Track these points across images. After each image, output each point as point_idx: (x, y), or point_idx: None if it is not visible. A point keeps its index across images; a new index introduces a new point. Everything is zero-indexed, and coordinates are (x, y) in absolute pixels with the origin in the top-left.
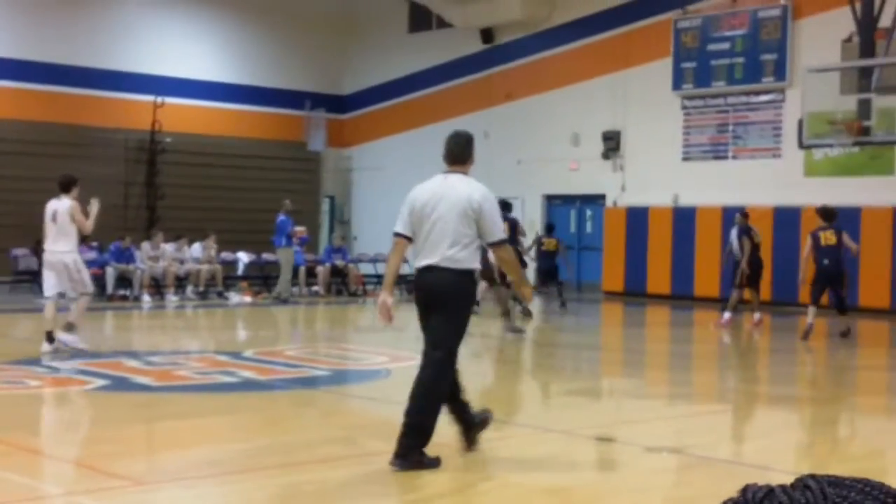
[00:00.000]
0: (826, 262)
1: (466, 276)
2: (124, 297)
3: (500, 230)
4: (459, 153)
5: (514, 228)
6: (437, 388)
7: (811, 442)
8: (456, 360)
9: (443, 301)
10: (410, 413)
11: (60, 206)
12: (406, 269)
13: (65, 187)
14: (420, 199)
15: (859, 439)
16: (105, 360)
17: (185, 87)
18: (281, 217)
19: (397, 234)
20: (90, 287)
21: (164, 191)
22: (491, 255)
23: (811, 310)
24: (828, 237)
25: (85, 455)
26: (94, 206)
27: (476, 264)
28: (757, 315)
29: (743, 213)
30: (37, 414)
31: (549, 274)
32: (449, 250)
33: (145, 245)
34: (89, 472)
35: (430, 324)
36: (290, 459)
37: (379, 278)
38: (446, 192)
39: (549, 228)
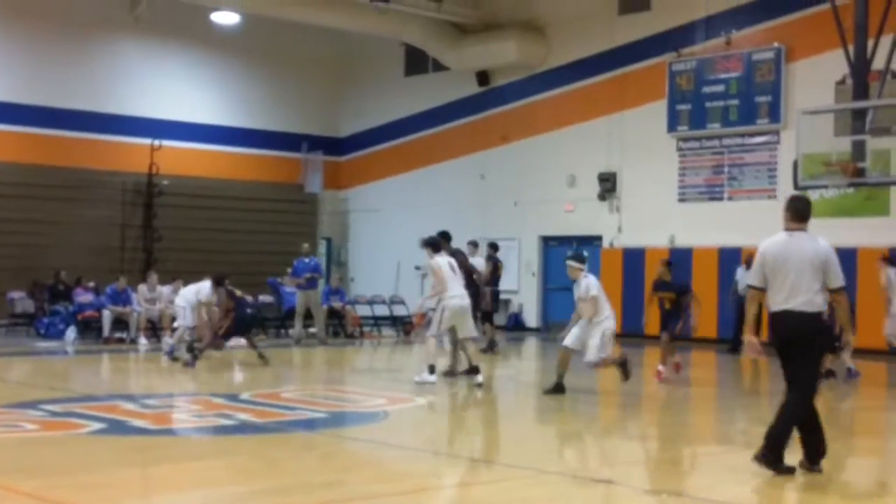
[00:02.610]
0: None
1: (818, 318)
2: (121, 340)
3: (841, 279)
4: (804, 213)
5: (495, 268)
6: (794, 415)
7: (810, 483)
8: (812, 394)
9: (803, 341)
10: (771, 431)
11: None
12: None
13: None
14: (771, 254)
15: (860, 479)
16: (102, 403)
17: (182, 130)
18: (295, 262)
19: (753, 287)
20: None
21: (160, 233)
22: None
23: None
24: None
25: (81, 499)
26: None
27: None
28: None
29: None
30: (33, 457)
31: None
32: (805, 296)
33: (142, 287)
34: None
35: (790, 364)
36: (286, 502)
37: (376, 319)
38: (795, 247)
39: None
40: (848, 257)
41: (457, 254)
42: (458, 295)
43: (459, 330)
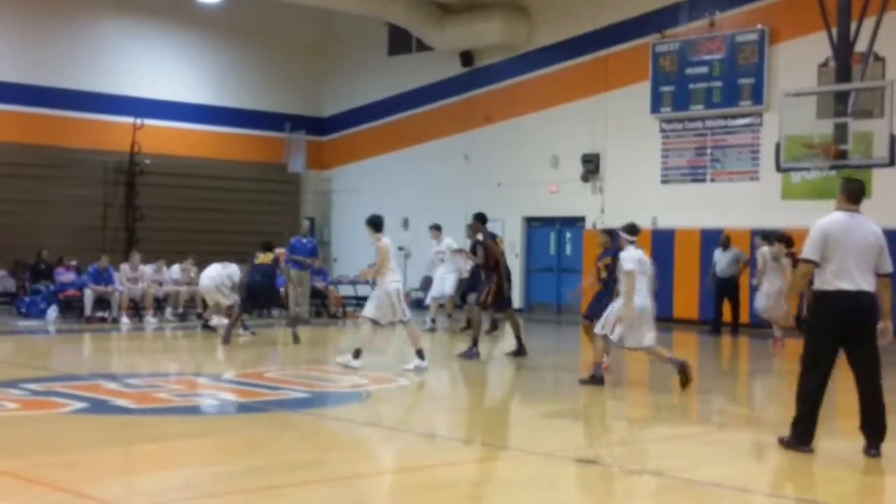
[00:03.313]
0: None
1: (876, 299)
2: (103, 319)
3: (891, 264)
4: (859, 195)
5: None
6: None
7: (793, 464)
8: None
9: (871, 320)
10: (877, 409)
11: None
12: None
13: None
14: (832, 232)
15: (840, 461)
16: (83, 382)
17: (164, 108)
18: (292, 241)
19: (810, 261)
20: None
21: (143, 212)
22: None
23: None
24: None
25: (61, 478)
26: None
27: None
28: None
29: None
30: (13, 437)
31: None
32: (867, 276)
33: (124, 266)
34: (65, 495)
35: (858, 341)
36: (268, 482)
37: (358, 300)
38: (857, 228)
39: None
40: None
41: (492, 237)
42: (397, 280)
43: (393, 314)
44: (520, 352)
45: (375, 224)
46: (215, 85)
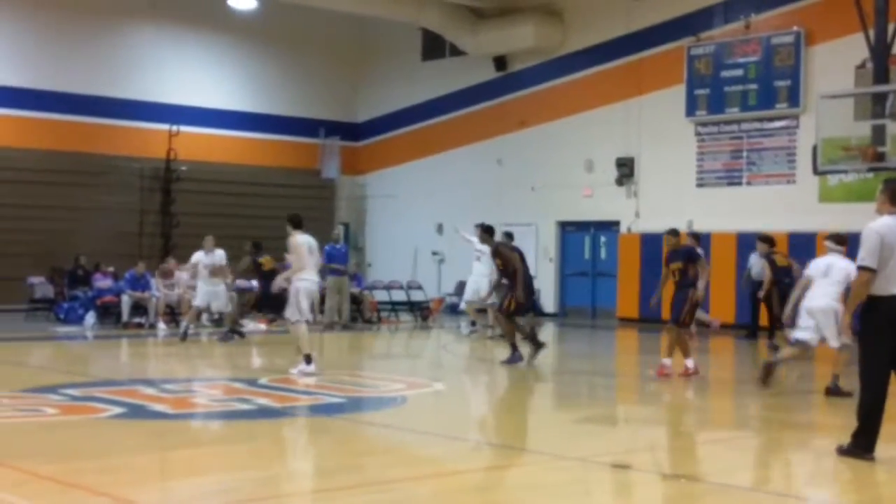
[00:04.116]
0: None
1: None
2: (140, 325)
3: None
4: None
5: (522, 258)
6: None
7: (831, 468)
8: None
9: None
10: None
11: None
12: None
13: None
14: (889, 236)
15: (881, 465)
16: (121, 387)
17: (200, 115)
18: (325, 248)
19: (870, 269)
20: None
21: (178, 219)
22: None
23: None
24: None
25: (100, 482)
26: None
27: None
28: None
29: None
30: (52, 441)
31: None
32: None
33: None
34: (104, 499)
35: None
36: (304, 487)
37: (393, 305)
38: None
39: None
40: None
41: (514, 249)
42: (309, 278)
43: (300, 311)
44: (513, 359)
45: (293, 221)
46: (250, 91)
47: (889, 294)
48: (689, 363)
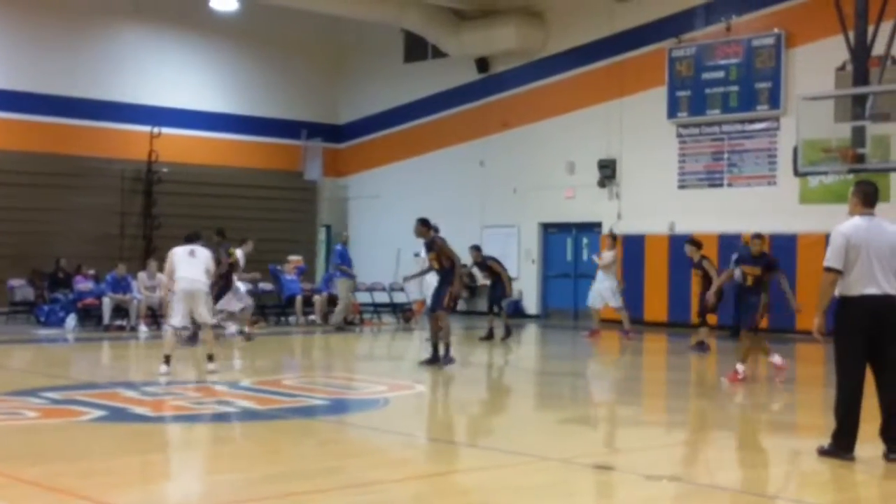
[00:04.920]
0: None
1: None
2: (121, 328)
3: None
4: (874, 198)
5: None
6: None
7: (813, 469)
8: None
9: (894, 324)
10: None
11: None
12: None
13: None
14: (854, 237)
15: (861, 466)
16: (102, 390)
17: (181, 117)
18: (337, 248)
19: (835, 270)
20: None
21: (160, 221)
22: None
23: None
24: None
25: (81, 486)
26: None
27: None
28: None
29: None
30: (33, 445)
31: None
32: (893, 280)
33: (141, 275)
34: (86, 502)
35: (882, 345)
36: (287, 489)
37: (376, 307)
38: (878, 232)
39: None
40: None
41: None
42: (184, 278)
43: (195, 315)
44: (434, 360)
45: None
46: (232, 93)
47: (860, 294)
48: (741, 368)
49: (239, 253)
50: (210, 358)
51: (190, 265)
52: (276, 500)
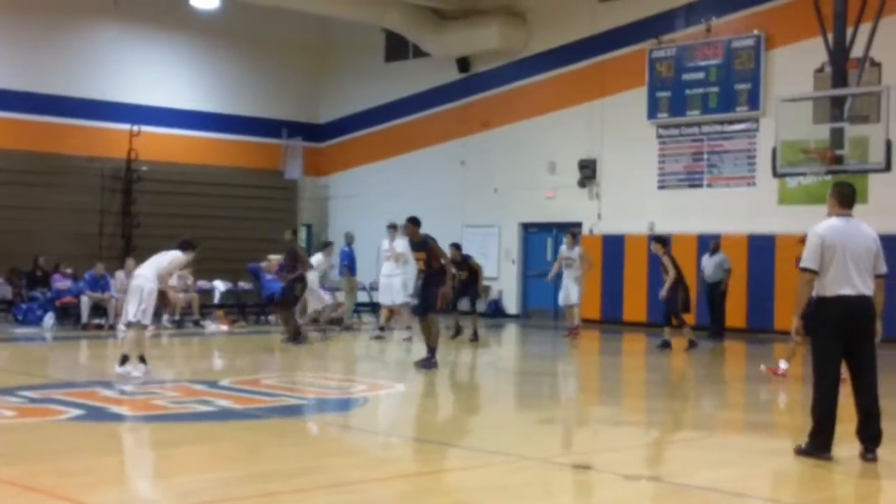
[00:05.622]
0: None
1: (873, 302)
2: (99, 326)
3: (885, 265)
4: (851, 199)
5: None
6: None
7: (789, 468)
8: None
9: (870, 324)
10: (874, 412)
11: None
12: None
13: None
14: (830, 238)
15: (837, 466)
16: (80, 389)
17: (161, 115)
18: (344, 249)
19: (811, 271)
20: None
21: (139, 219)
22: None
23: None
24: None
25: (58, 485)
26: None
27: None
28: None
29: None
30: (10, 444)
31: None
32: (867, 281)
33: (119, 274)
34: (63, 502)
35: (857, 345)
36: (266, 489)
37: (357, 306)
38: (854, 233)
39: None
40: None
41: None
42: (137, 275)
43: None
44: (429, 362)
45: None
46: (212, 92)
47: (836, 294)
48: (783, 365)
49: (318, 258)
50: (123, 359)
51: (146, 263)
52: (255, 500)
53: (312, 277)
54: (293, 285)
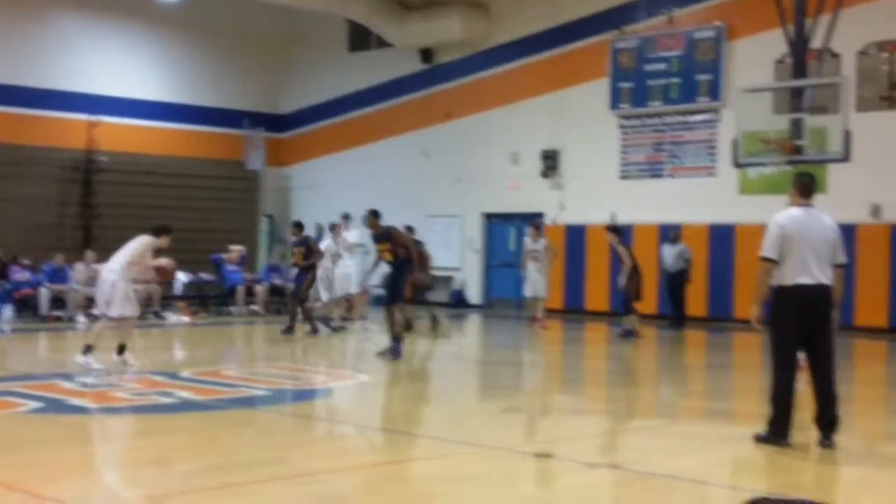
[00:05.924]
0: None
1: (832, 291)
2: (59, 318)
3: (844, 254)
4: (811, 189)
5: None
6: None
7: (748, 455)
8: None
9: (827, 313)
10: (831, 399)
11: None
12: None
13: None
14: (790, 228)
15: (795, 453)
16: (39, 381)
17: (121, 105)
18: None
19: (771, 260)
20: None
21: (100, 210)
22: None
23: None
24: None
25: (18, 479)
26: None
27: None
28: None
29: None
30: None
31: None
32: (826, 270)
33: (79, 265)
34: (22, 495)
35: (815, 333)
36: (227, 480)
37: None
38: (813, 222)
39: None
40: None
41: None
42: (105, 269)
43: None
44: (395, 351)
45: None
46: (173, 82)
47: (794, 283)
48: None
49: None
50: (87, 349)
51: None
52: (215, 491)
53: (328, 265)
54: (304, 275)
